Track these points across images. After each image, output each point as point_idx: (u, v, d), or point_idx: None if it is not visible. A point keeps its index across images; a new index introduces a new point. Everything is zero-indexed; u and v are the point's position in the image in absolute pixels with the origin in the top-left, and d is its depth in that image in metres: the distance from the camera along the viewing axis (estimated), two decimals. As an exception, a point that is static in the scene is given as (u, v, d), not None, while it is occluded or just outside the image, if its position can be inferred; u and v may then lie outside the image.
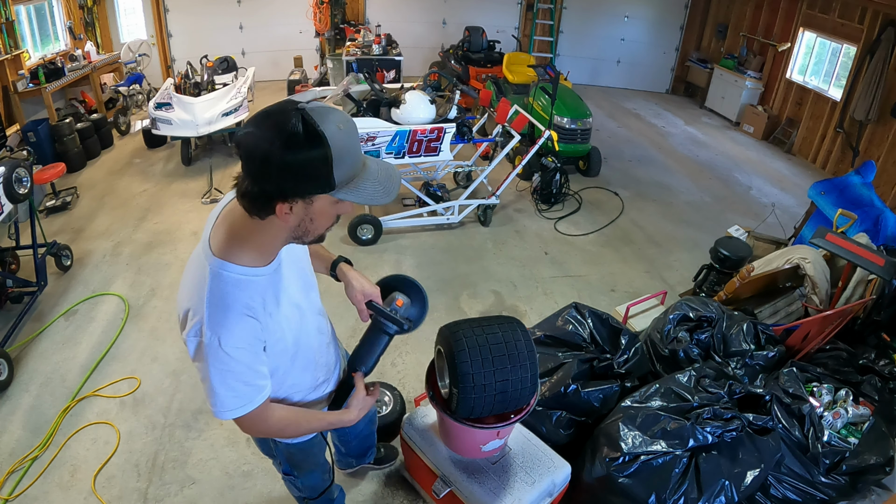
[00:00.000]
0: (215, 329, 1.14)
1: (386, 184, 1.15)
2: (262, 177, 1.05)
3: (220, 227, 1.24)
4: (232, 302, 1.17)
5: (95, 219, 4.80)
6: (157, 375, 3.16)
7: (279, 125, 1.02)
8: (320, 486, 1.84)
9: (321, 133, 1.02)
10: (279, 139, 1.01)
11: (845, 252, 2.81)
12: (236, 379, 1.20)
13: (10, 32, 5.55)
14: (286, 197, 1.08)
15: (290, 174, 1.04)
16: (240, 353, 1.18)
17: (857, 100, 6.15)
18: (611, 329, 2.74)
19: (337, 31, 8.34)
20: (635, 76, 9.73)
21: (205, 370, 1.18)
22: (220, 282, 1.17)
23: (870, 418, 2.41)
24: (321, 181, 1.07)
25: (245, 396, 1.22)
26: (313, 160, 1.03)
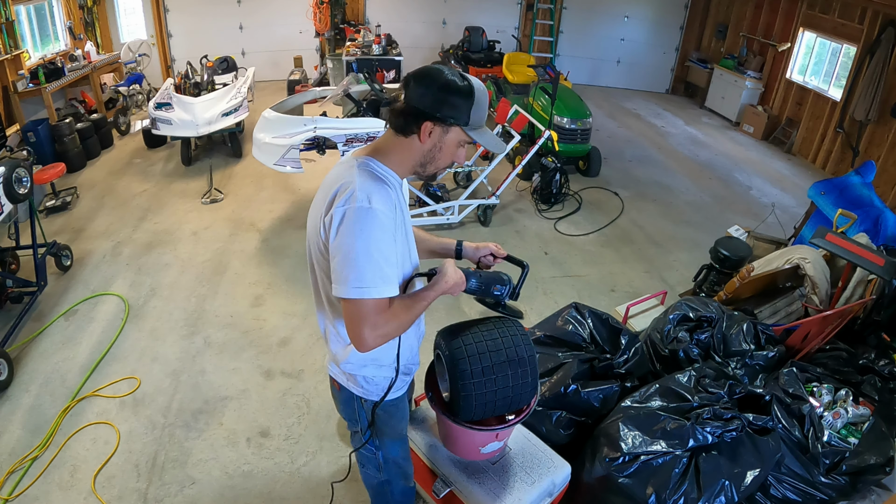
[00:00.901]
0: (366, 192, 1.33)
1: (497, 141, 1.53)
2: (422, 98, 1.35)
3: (361, 149, 1.50)
4: (377, 178, 1.40)
5: (95, 219, 4.80)
6: (157, 375, 3.16)
7: (445, 72, 1.37)
8: (402, 464, 1.86)
9: (472, 83, 1.38)
10: (443, 77, 1.36)
11: (845, 252, 2.81)
12: (379, 251, 1.33)
13: (10, 32, 5.55)
14: (434, 116, 1.37)
15: (444, 100, 1.35)
16: (386, 217, 1.35)
17: (857, 100, 6.15)
18: (611, 329, 2.74)
19: (337, 31, 8.35)
20: (635, 76, 9.73)
21: (349, 239, 1.32)
22: (368, 166, 1.41)
23: (870, 418, 2.41)
24: (462, 114, 1.38)
25: (382, 276, 1.34)
26: (464, 95, 1.36)
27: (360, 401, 1.66)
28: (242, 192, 5.35)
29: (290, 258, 4.29)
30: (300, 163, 4.33)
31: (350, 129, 4.35)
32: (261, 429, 2.85)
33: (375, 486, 1.91)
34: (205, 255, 4.31)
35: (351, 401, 1.68)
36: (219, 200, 5.17)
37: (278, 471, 2.63)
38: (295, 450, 2.73)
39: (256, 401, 3.01)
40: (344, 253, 1.32)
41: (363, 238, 1.31)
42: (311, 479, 2.59)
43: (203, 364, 3.26)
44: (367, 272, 1.31)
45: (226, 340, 3.45)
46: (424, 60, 8.88)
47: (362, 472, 1.91)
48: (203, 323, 3.59)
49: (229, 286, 3.96)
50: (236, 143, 6.07)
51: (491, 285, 1.65)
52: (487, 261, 1.79)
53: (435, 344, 1.81)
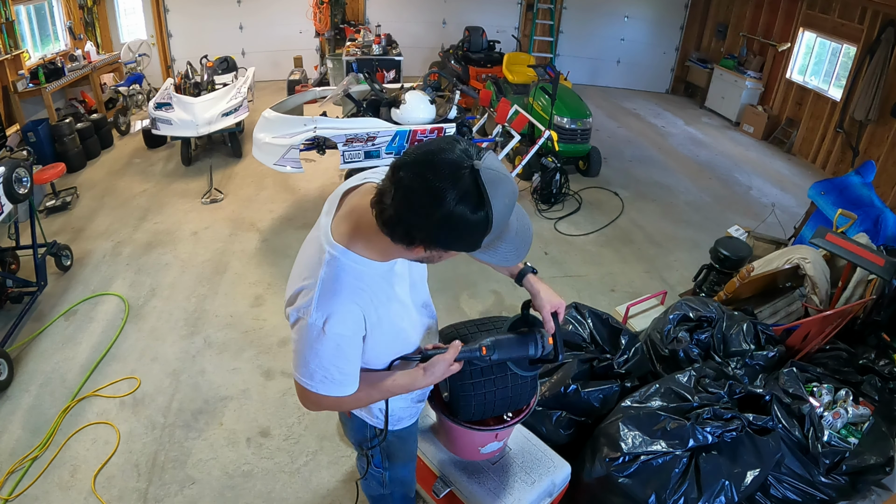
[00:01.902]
0: (323, 309, 1.17)
1: (519, 247, 1.14)
2: (415, 220, 1.02)
3: (343, 221, 1.23)
4: (343, 288, 1.18)
5: (95, 219, 4.80)
6: (157, 375, 3.16)
7: (452, 180, 0.97)
8: (408, 480, 1.84)
9: (489, 206, 0.99)
10: (446, 199, 0.97)
11: (845, 252, 2.81)
12: (331, 363, 1.22)
13: (10, 32, 5.55)
14: (429, 245, 1.08)
15: (445, 231, 1.02)
16: (341, 339, 1.20)
17: (857, 100, 6.15)
18: (611, 329, 2.74)
19: (337, 31, 8.34)
20: (635, 76, 9.73)
21: (301, 347, 1.21)
22: (337, 266, 1.19)
23: (870, 418, 2.41)
24: (470, 245, 1.08)
25: (334, 383, 1.25)
26: (472, 228, 1.01)
27: (374, 430, 1.61)
28: (242, 192, 5.35)
29: (290, 258, 4.27)
30: (300, 163, 4.33)
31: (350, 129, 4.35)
32: (261, 429, 2.85)
33: (376, 496, 1.90)
34: (205, 255, 4.31)
35: (364, 429, 1.63)
36: (219, 200, 5.17)
37: (278, 471, 2.63)
38: (295, 450, 2.73)
39: (256, 401, 3.01)
40: (296, 350, 1.24)
41: (312, 352, 1.21)
42: (311, 479, 2.59)
43: (203, 364, 3.26)
44: (315, 375, 1.23)
45: (226, 340, 3.45)
46: (425, 60, 8.88)
47: (363, 483, 1.87)
48: (203, 323, 3.59)
49: (229, 286, 3.96)
50: (236, 143, 6.07)
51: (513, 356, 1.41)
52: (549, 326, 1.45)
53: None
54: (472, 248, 1.08)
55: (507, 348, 1.39)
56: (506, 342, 1.40)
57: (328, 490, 2.49)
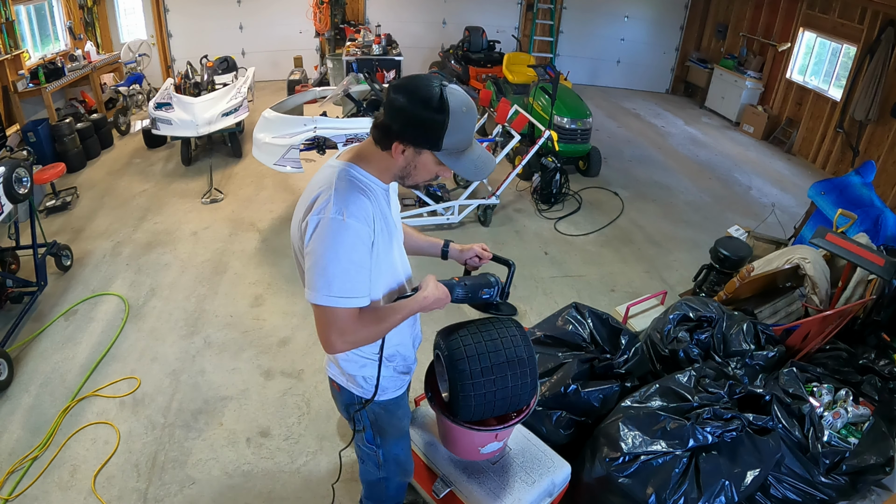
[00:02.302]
0: (340, 204, 1.32)
1: (480, 166, 1.42)
2: (394, 116, 1.31)
3: (347, 151, 1.48)
4: (355, 187, 1.38)
5: (95, 219, 4.80)
6: (156, 375, 3.16)
7: (423, 87, 1.29)
8: (403, 460, 1.86)
9: (447, 106, 1.28)
10: (418, 95, 1.29)
11: (845, 252, 2.81)
12: (350, 262, 1.33)
13: (10, 32, 5.55)
14: (402, 139, 1.32)
15: (412, 124, 1.30)
16: (360, 230, 1.33)
17: (857, 100, 6.15)
18: (611, 329, 2.74)
19: (337, 31, 8.34)
20: (635, 76, 9.73)
21: (321, 249, 1.32)
22: (347, 176, 1.39)
23: (870, 418, 2.41)
24: (432, 140, 1.32)
25: (352, 286, 1.34)
26: (433, 121, 1.29)
27: (362, 401, 1.67)
28: (242, 192, 5.35)
29: (290, 258, 4.26)
30: (300, 163, 4.33)
31: (350, 129, 4.35)
32: (261, 429, 2.85)
33: (372, 481, 1.92)
34: (205, 255, 4.31)
35: (352, 401, 1.69)
36: (219, 200, 5.17)
37: (278, 471, 2.63)
38: (295, 450, 2.73)
39: (256, 401, 3.01)
40: (315, 260, 1.33)
41: (334, 249, 1.31)
42: (311, 479, 2.59)
43: (203, 364, 3.26)
44: (335, 282, 1.31)
45: (226, 340, 3.45)
46: (425, 61, 8.88)
47: (361, 468, 1.93)
48: (203, 323, 3.59)
49: (229, 286, 3.96)
50: (236, 143, 6.07)
51: (478, 290, 1.66)
52: (473, 262, 1.81)
53: (434, 344, 1.81)
54: (436, 146, 1.33)
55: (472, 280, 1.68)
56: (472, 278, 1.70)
57: (328, 490, 2.48)
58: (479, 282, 1.66)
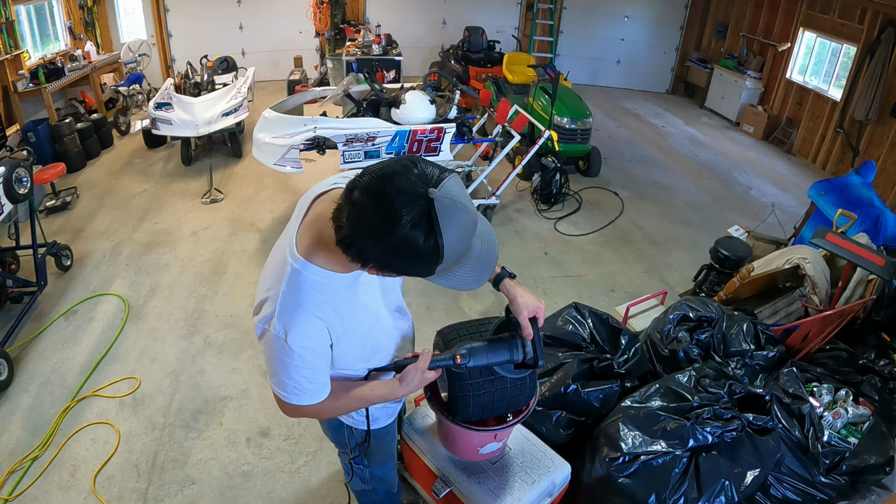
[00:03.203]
0: (284, 324, 1.18)
1: (481, 271, 1.13)
2: (366, 244, 1.02)
3: (307, 231, 1.21)
4: (305, 301, 1.18)
5: (95, 219, 4.80)
6: (156, 375, 3.16)
7: (403, 210, 0.96)
8: (388, 478, 1.87)
9: (440, 241, 0.98)
10: (396, 226, 0.96)
11: (845, 252, 2.80)
12: (299, 374, 1.24)
13: (10, 32, 5.55)
14: (381, 269, 1.09)
15: (396, 257, 1.03)
16: (305, 351, 1.21)
17: (857, 100, 6.15)
18: (611, 329, 2.74)
19: (337, 31, 8.34)
20: (635, 76, 9.73)
21: (268, 358, 1.25)
22: (299, 280, 1.18)
23: (870, 418, 2.41)
24: (422, 272, 1.07)
25: (305, 392, 1.27)
26: (423, 256, 1.01)
27: (351, 430, 1.66)
28: (242, 192, 5.35)
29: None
30: (300, 163, 4.33)
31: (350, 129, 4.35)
32: (261, 429, 2.85)
33: (359, 491, 1.95)
34: (204, 255, 4.31)
35: (340, 428, 1.68)
36: (219, 200, 5.17)
37: (278, 471, 2.63)
38: (295, 450, 2.73)
39: (256, 401, 3.01)
40: (265, 361, 1.26)
41: (281, 364, 1.22)
42: (311, 479, 2.59)
43: (203, 364, 3.26)
44: (287, 388, 1.26)
45: (226, 340, 3.45)
46: (425, 61, 8.88)
47: (346, 477, 1.93)
48: (203, 323, 3.59)
49: (229, 286, 3.96)
50: (236, 143, 6.07)
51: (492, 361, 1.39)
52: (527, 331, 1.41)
53: (433, 344, 1.81)
54: (425, 274, 1.07)
55: (483, 355, 1.37)
56: (482, 349, 1.38)
57: (328, 490, 2.49)
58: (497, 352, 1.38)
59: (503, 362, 1.40)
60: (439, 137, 4.38)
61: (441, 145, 4.42)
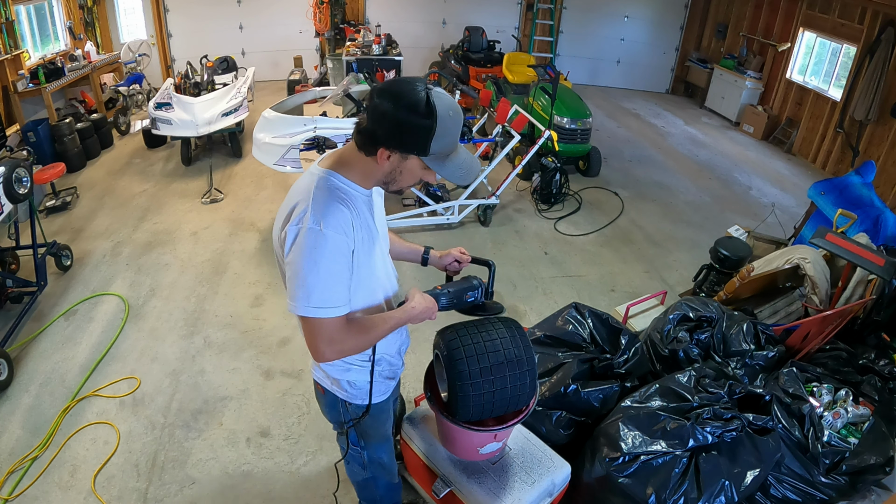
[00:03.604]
0: (318, 214, 1.30)
1: (466, 170, 1.39)
2: (379, 122, 1.28)
3: (328, 157, 1.45)
4: (334, 197, 1.35)
5: (95, 219, 4.80)
6: (156, 375, 3.16)
7: (409, 91, 1.26)
8: (387, 463, 1.89)
9: (434, 110, 1.25)
10: (404, 100, 1.25)
11: (845, 252, 2.80)
12: (328, 272, 1.32)
13: (10, 32, 5.55)
14: (389, 145, 1.30)
15: (400, 129, 1.27)
16: (338, 238, 1.32)
17: (857, 100, 6.15)
18: (611, 329, 2.74)
19: (337, 31, 8.34)
20: (635, 76, 9.73)
21: (299, 259, 1.31)
22: (326, 184, 1.37)
23: (870, 418, 2.40)
24: (419, 145, 1.29)
25: (331, 296, 1.33)
26: (420, 126, 1.26)
27: (345, 404, 1.69)
28: (242, 192, 5.35)
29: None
30: (300, 163, 4.33)
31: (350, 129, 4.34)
32: (261, 429, 2.85)
33: (360, 482, 1.96)
34: (204, 255, 4.31)
35: (336, 404, 1.70)
36: (219, 200, 5.17)
37: (278, 471, 2.63)
38: (295, 450, 2.73)
39: (256, 401, 3.01)
40: (294, 271, 1.32)
41: (312, 260, 1.30)
42: (311, 479, 2.59)
43: (203, 364, 3.26)
44: (315, 293, 1.31)
45: (226, 340, 3.45)
46: (424, 61, 8.88)
47: (347, 469, 1.95)
48: (203, 323, 3.59)
49: (229, 286, 3.96)
50: (236, 143, 6.07)
51: (462, 295, 1.67)
52: (454, 267, 1.82)
53: (434, 344, 1.81)
54: (423, 150, 1.30)
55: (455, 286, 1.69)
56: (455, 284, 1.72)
57: (328, 490, 2.48)
58: (462, 286, 1.68)
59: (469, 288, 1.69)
60: (439, 137, 4.37)
61: (441, 145, 4.42)
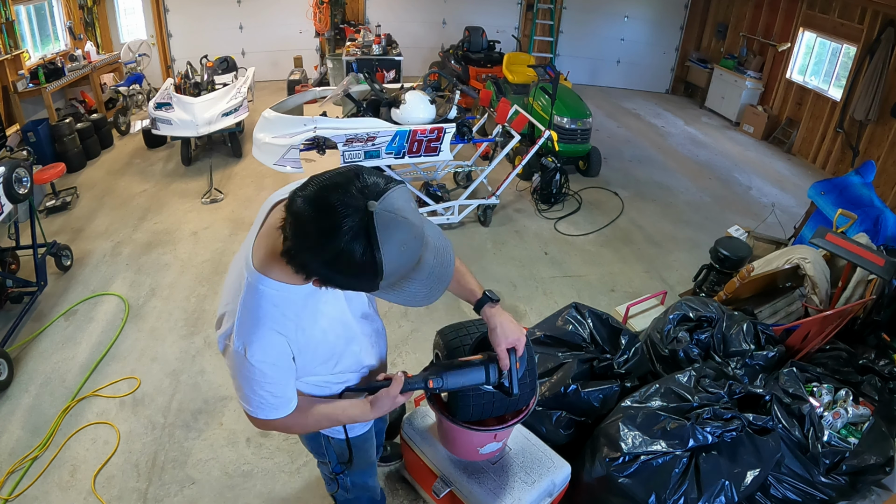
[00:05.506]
0: (243, 339, 1.16)
1: (432, 287, 1.10)
2: (307, 257, 0.99)
3: (262, 241, 1.20)
4: (263, 316, 1.16)
5: (95, 219, 4.80)
6: (156, 375, 3.16)
7: (341, 223, 0.94)
8: (371, 486, 1.86)
9: (378, 256, 0.95)
10: (334, 239, 0.94)
11: (845, 252, 2.81)
12: (262, 388, 1.23)
13: (10, 32, 5.55)
14: (324, 282, 1.06)
15: (335, 271, 1.00)
16: (265, 366, 1.18)
17: (857, 100, 6.15)
18: (611, 329, 2.74)
19: (337, 31, 8.34)
20: (635, 76, 9.73)
21: (231, 371, 1.24)
22: (256, 295, 1.16)
23: (870, 418, 2.41)
24: (364, 287, 1.05)
25: (270, 406, 1.26)
26: (361, 271, 0.98)
27: (327, 438, 1.64)
28: (242, 192, 5.35)
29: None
30: (300, 163, 4.33)
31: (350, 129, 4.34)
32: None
33: (342, 501, 1.93)
34: (204, 255, 4.31)
35: (317, 437, 1.66)
36: (219, 200, 5.17)
37: (278, 471, 2.63)
38: (295, 450, 2.73)
39: (256, 401, 3.01)
40: (231, 375, 1.24)
41: (244, 379, 1.21)
42: (311, 479, 2.59)
43: (203, 364, 3.26)
44: (251, 400, 1.25)
45: (226, 340, 3.44)
46: (424, 61, 8.87)
47: (328, 488, 1.92)
48: (203, 323, 3.59)
49: (229, 286, 3.95)
50: (236, 143, 6.07)
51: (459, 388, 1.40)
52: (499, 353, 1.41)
53: (434, 344, 1.81)
54: (369, 289, 1.05)
55: (454, 379, 1.38)
56: (453, 374, 1.38)
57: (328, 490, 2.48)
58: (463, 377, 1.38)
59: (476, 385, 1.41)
60: (439, 137, 4.37)
61: (441, 145, 4.42)
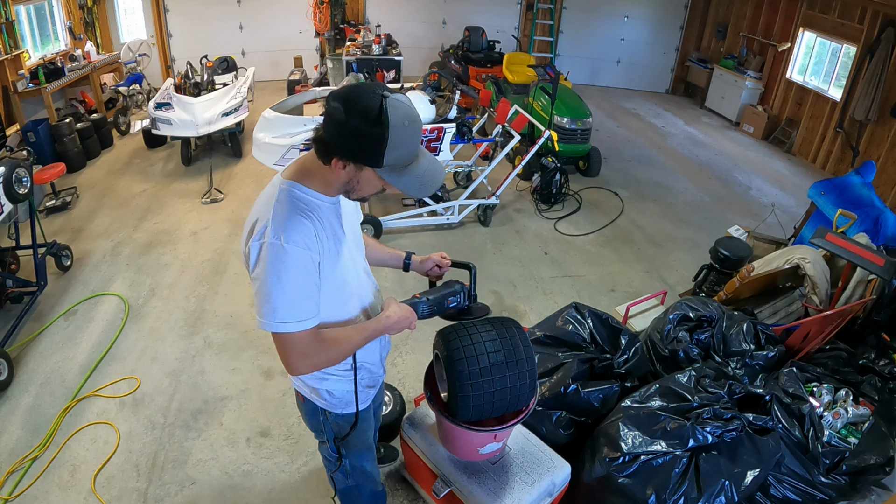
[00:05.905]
0: (278, 229, 1.28)
1: (426, 182, 1.33)
2: (331, 130, 1.24)
3: (291, 166, 1.42)
4: (295, 209, 1.32)
5: (95, 219, 4.80)
6: (156, 375, 3.16)
7: (361, 98, 1.21)
8: (370, 472, 1.88)
9: (387, 120, 1.19)
10: (355, 108, 1.20)
11: (845, 252, 2.81)
12: (293, 286, 1.29)
13: (10, 32, 5.55)
14: (341, 155, 1.26)
15: (350, 140, 1.23)
16: (299, 251, 1.28)
17: (857, 100, 6.15)
18: (611, 329, 2.74)
19: (337, 31, 8.34)
20: (635, 76, 9.73)
21: (263, 275, 1.28)
22: (287, 197, 1.33)
23: (870, 418, 2.41)
24: (371, 157, 1.24)
25: (297, 310, 1.31)
26: (372, 137, 1.21)
27: (325, 413, 1.67)
28: (242, 192, 5.35)
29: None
30: (300, 163, 4.33)
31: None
32: (261, 429, 2.85)
33: (344, 489, 1.93)
34: (204, 255, 4.31)
35: (316, 413, 1.69)
36: (219, 200, 5.17)
37: (278, 471, 2.63)
38: (295, 450, 2.73)
39: (256, 401, 3.01)
40: (259, 287, 1.30)
41: (275, 275, 1.27)
42: (311, 479, 2.59)
43: (203, 364, 3.26)
44: (280, 308, 1.29)
45: (226, 340, 3.45)
46: (424, 61, 8.88)
47: (329, 476, 1.93)
48: (203, 323, 3.59)
49: (229, 286, 3.96)
50: (236, 143, 6.07)
51: (443, 301, 1.64)
52: (435, 272, 1.80)
53: (434, 344, 1.81)
54: (376, 162, 1.25)
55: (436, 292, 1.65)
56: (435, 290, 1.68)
57: (328, 490, 2.48)
58: (443, 292, 1.65)
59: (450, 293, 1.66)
60: (439, 137, 4.38)
61: (441, 145, 4.42)
